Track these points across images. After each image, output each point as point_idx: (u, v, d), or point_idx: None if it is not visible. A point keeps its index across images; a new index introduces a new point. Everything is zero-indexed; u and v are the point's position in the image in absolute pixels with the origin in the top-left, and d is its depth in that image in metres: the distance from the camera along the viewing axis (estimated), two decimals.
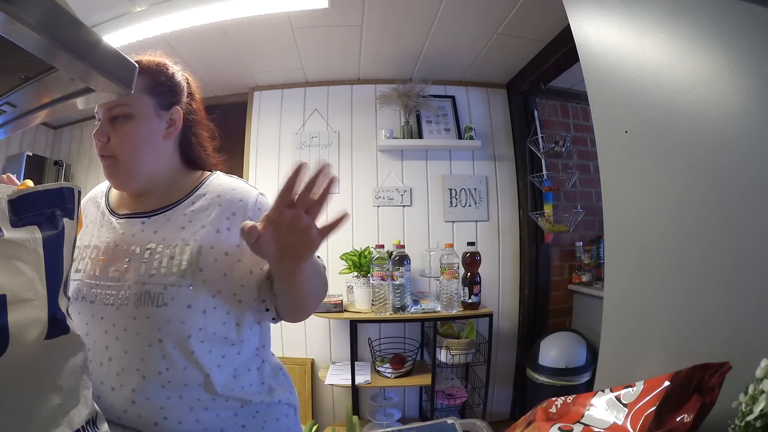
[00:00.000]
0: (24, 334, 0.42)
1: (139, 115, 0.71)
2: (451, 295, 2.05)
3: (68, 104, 0.58)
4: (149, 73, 0.75)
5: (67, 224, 0.50)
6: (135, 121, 0.71)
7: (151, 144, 0.74)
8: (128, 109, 0.71)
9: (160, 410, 0.63)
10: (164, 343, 0.64)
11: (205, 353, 0.66)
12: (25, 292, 0.43)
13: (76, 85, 0.52)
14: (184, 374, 0.64)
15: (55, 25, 0.41)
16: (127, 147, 0.71)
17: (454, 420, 0.52)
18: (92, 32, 0.45)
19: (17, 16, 0.36)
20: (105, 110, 0.71)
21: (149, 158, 0.73)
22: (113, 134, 0.70)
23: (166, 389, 0.64)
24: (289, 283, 0.65)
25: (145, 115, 0.72)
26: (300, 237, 0.55)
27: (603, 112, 0.71)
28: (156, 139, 0.74)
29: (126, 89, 0.53)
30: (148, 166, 0.73)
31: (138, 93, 0.71)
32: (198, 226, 0.69)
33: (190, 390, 0.65)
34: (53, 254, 0.47)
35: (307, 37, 2.01)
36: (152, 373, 0.63)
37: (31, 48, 0.41)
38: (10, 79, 0.52)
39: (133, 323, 0.64)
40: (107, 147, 0.71)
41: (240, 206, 0.72)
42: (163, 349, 0.64)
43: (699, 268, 0.52)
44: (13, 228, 0.44)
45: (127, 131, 0.70)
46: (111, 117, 0.71)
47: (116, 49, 0.50)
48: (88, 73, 0.48)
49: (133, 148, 0.71)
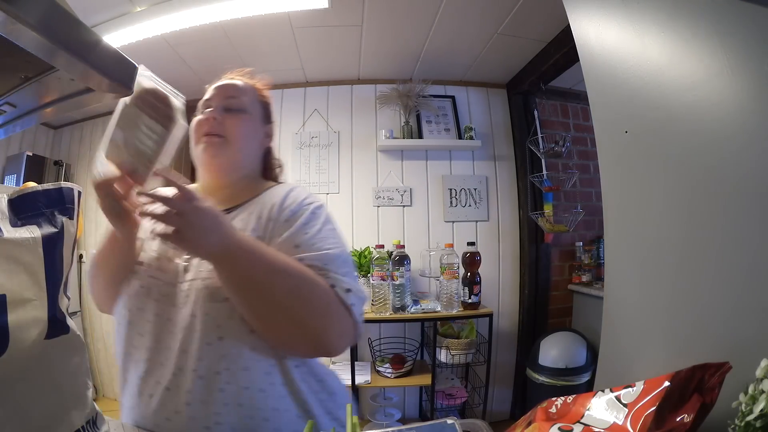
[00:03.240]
0: (24, 334, 0.42)
1: (252, 113, 0.79)
2: (451, 295, 2.05)
3: (68, 104, 0.58)
4: (259, 89, 0.83)
5: (67, 224, 0.50)
6: (248, 116, 0.78)
7: (255, 142, 0.81)
8: (244, 104, 0.78)
9: (216, 415, 0.60)
10: (225, 341, 0.61)
11: (268, 349, 0.63)
12: (25, 292, 0.43)
13: (76, 85, 0.52)
14: (243, 375, 0.61)
15: (55, 25, 0.41)
16: (239, 133, 0.75)
17: (454, 420, 0.52)
18: (92, 32, 0.45)
19: (17, 16, 0.36)
20: (222, 98, 0.77)
21: (250, 153, 0.80)
22: (227, 120, 0.75)
23: (224, 393, 0.60)
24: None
25: (256, 116, 0.80)
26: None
27: (603, 112, 0.71)
28: (257, 142, 0.81)
29: (126, 89, 0.53)
30: (246, 160, 0.79)
31: (252, 98, 0.80)
32: (249, 229, 0.69)
33: (250, 392, 0.61)
34: (53, 254, 0.47)
35: (307, 37, 2.01)
36: (210, 374, 0.60)
37: (31, 48, 0.41)
38: (10, 79, 0.52)
39: (192, 321, 0.62)
40: (220, 126, 0.74)
41: (268, 207, 0.71)
42: (222, 348, 0.61)
43: (699, 268, 0.52)
44: (13, 228, 0.44)
45: (241, 121, 0.76)
46: (225, 107, 0.76)
47: (116, 49, 0.50)
48: (88, 73, 0.48)
49: (244, 136, 0.77)
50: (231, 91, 0.78)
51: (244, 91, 0.80)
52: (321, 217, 0.72)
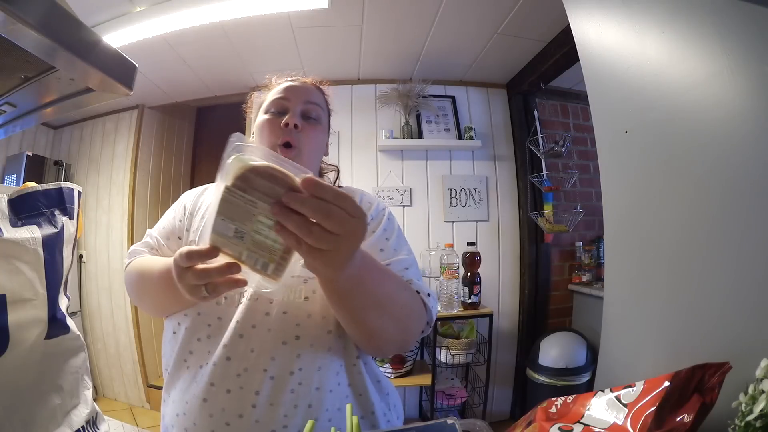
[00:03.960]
0: (24, 334, 0.42)
1: (323, 124, 0.76)
2: (451, 295, 2.05)
3: (68, 104, 0.58)
4: (327, 97, 0.80)
5: (66, 224, 0.50)
6: (322, 128, 0.75)
7: (321, 153, 0.78)
8: (320, 113, 0.74)
9: (284, 418, 0.57)
10: (301, 341, 0.59)
11: (341, 349, 0.62)
12: (25, 292, 0.43)
13: (76, 85, 0.52)
14: (317, 375, 0.60)
15: (55, 25, 0.41)
16: (313, 146, 0.73)
17: (454, 420, 0.52)
18: (92, 32, 0.45)
19: (17, 16, 0.36)
20: (302, 102, 0.72)
21: (315, 163, 0.76)
22: (305, 129, 0.71)
23: (296, 393, 0.58)
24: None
25: (325, 126, 0.77)
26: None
27: (603, 112, 0.71)
28: (322, 152, 0.78)
29: (126, 89, 0.53)
30: (311, 170, 0.76)
31: (324, 107, 0.76)
32: None
33: (321, 393, 0.60)
34: (53, 254, 0.47)
35: (307, 37, 2.01)
36: (283, 373, 0.58)
37: (31, 48, 0.41)
38: (10, 79, 0.52)
39: (264, 320, 0.60)
40: (297, 137, 0.69)
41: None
42: (299, 348, 0.59)
43: (699, 268, 0.52)
44: (13, 228, 0.44)
45: (316, 133, 0.73)
46: (304, 113, 0.72)
47: (116, 49, 0.50)
48: (88, 72, 0.48)
49: (317, 149, 0.74)
50: (311, 96, 0.74)
51: (320, 98, 0.77)
52: (394, 222, 0.73)
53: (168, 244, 0.72)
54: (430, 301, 0.65)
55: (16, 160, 2.51)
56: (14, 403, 0.42)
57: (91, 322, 2.74)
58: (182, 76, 2.27)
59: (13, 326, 0.41)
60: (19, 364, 0.42)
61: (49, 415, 0.45)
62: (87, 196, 2.76)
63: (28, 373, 0.44)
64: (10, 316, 0.41)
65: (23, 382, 0.43)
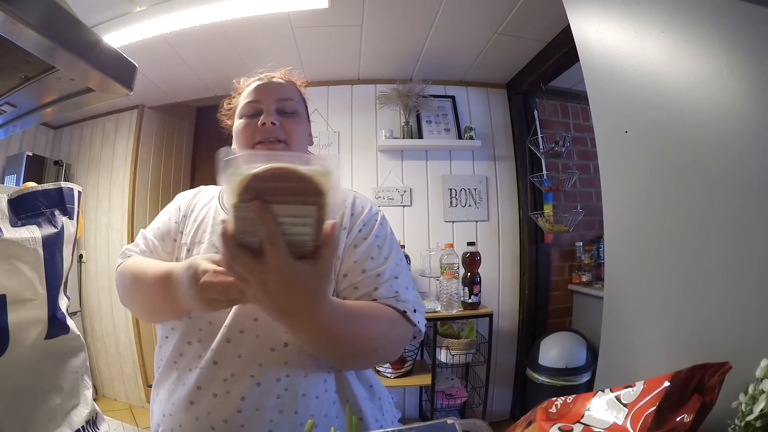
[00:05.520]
0: (24, 334, 0.42)
1: (302, 115, 0.77)
2: (451, 295, 2.05)
3: (68, 104, 0.58)
4: (299, 87, 0.81)
5: (66, 224, 0.50)
6: (301, 119, 0.76)
7: (307, 143, 0.79)
8: (296, 107, 0.75)
9: (269, 423, 0.57)
10: (290, 348, 0.59)
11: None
12: (25, 292, 0.43)
13: (76, 85, 0.53)
14: (303, 382, 0.60)
15: (55, 25, 0.41)
16: (297, 137, 0.73)
17: (454, 420, 0.52)
18: (92, 32, 0.45)
19: (17, 16, 0.36)
20: (274, 100, 0.73)
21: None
22: (285, 123, 0.72)
23: (282, 399, 0.58)
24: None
25: (304, 117, 0.79)
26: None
27: (603, 112, 0.71)
28: (307, 144, 0.79)
29: (126, 89, 0.53)
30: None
31: (299, 98, 0.78)
32: None
33: (307, 399, 0.59)
34: (53, 254, 0.47)
35: (307, 37, 2.01)
36: (269, 380, 0.58)
37: (31, 48, 0.41)
38: (10, 79, 0.52)
39: (253, 325, 0.59)
40: (279, 130, 0.71)
41: (339, 214, 0.70)
42: (286, 355, 0.59)
43: (699, 268, 0.52)
44: (13, 228, 0.44)
45: (297, 124, 0.74)
46: (279, 110, 0.73)
47: (116, 49, 0.50)
48: (88, 72, 0.48)
49: (302, 140, 0.75)
50: (282, 92, 0.75)
51: (292, 91, 0.77)
52: (386, 227, 0.73)
53: (163, 245, 0.71)
54: (416, 316, 0.65)
55: (16, 160, 2.51)
56: (14, 403, 0.42)
57: (91, 322, 2.74)
58: (182, 76, 2.27)
59: (13, 326, 0.41)
60: (19, 364, 0.42)
61: (49, 415, 0.45)
62: (87, 196, 2.76)
63: (28, 373, 0.44)
64: (10, 316, 0.41)
65: (23, 382, 0.43)
